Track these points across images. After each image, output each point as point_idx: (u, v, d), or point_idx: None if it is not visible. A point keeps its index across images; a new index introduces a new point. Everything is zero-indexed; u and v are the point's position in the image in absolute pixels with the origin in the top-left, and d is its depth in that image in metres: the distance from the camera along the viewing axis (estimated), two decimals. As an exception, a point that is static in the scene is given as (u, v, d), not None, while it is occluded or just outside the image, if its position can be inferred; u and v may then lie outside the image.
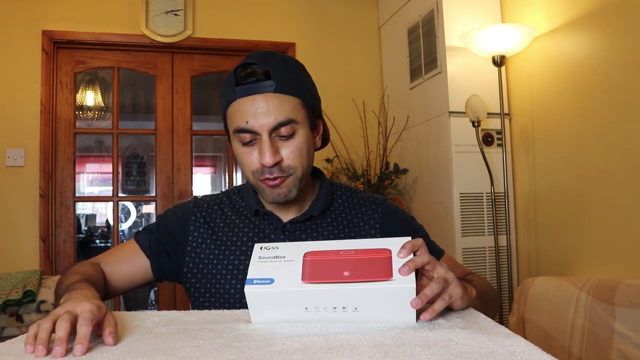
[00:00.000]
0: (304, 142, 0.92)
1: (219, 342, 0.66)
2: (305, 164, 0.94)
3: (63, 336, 0.60)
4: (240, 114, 0.90)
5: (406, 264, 0.69)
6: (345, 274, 0.69)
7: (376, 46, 3.22)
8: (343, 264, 0.71)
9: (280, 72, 0.90)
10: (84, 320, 0.63)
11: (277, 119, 0.88)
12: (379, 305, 0.70)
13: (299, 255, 0.73)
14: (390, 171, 2.79)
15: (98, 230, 4.30)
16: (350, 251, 0.72)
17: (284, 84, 0.90)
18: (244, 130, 0.90)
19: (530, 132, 2.32)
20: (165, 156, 2.94)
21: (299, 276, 0.70)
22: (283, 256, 0.74)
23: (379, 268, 0.70)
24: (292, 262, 0.72)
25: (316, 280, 0.69)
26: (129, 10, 2.86)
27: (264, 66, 0.89)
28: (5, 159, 2.65)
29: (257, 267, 0.73)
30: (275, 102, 0.89)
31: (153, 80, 2.97)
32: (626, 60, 1.78)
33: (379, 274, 0.69)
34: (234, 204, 1.04)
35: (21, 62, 2.71)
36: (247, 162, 0.93)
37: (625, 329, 1.44)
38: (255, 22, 3.04)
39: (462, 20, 2.42)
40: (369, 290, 0.68)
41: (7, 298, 2.10)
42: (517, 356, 0.58)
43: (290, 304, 0.71)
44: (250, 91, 0.89)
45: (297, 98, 0.91)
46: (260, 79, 0.89)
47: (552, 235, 2.18)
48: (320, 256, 0.72)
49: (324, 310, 0.70)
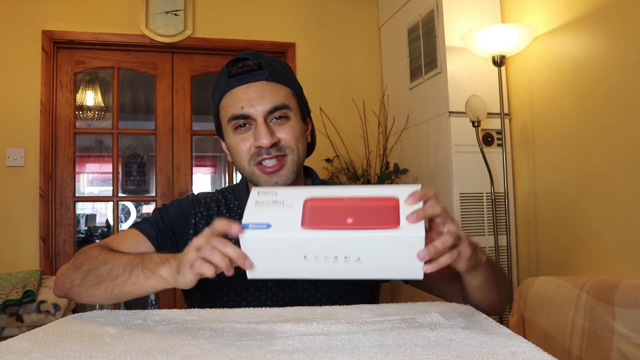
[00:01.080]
0: (297, 128, 0.95)
1: (219, 341, 0.66)
2: (301, 148, 0.95)
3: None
4: (235, 102, 0.92)
5: (415, 211, 0.64)
6: (348, 220, 0.65)
7: (376, 46, 3.22)
8: (346, 211, 0.66)
9: (272, 65, 0.94)
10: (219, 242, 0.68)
11: (272, 103, 0.91)
12: (384, 256, 0.65)
13: (300, 200, 0.68)
14: (390, 171, 2.79)
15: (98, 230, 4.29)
16: (354, 198, 0.67)
17: (276, 74, 0.94)
18: (239, 117, 0.91)
19: (530, 132, 2.32)
20: (165, 156, 2.94)
21: (299, 221, 0.66)
22: (282, 201, 0.68)
23: (385, 215, 0.65)
24: (291, 207, 0.67)
25: (317, 227, 0.65)
26: (129, 10, 2.86)
27: (255, 59, 0.93)
28: (5, 159, 2.64)
29: (253, 210, 0.68)
30: (269, 88, 0.92)
31: (153, 80, 2.97)
32: (626, 60, 1.78)
33: (385, 222, 0.64)
34: (228, 203, 1.05)
35: (21, 62, 2.71)
36: (241, 149, 0.93)
37: (625, 329, 1.44)
38: (255, 22, 3.04)
39: (462, 20, 2.42)
40: (373, 238, 0.64)
41: (7, 298, 2.10)
42: (518, 356, 0.58)
43: (288, 251, 0.66)
44: (244, 80, 0.92)
45: (288, 88, 0.95)
46: (253, 69, 0.92)
47: (552, 235, 2.18)
48: (322, 202, 0.68)
49: (324, 260, 0.66)
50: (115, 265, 0.78)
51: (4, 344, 0.64)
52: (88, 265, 0.83)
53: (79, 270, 0.84)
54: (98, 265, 0.81)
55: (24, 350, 0.61)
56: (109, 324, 0.75)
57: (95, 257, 0.83)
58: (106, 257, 0.81)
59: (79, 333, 0.71)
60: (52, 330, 0.73)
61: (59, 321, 0.78)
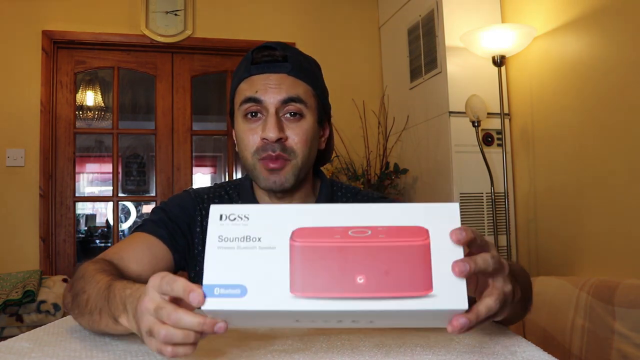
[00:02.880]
0: (310, 130, 0.89)
1: (220, 341, 0.66)
2: (307, 153, 0.89)
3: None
4: (251, 87, 0.88)
5: (465, 260, 0.46)
6: (358, 279, 0.45)
7: (376, 46, 3.21)
8: (355, 259, 0.46)
9: (298, 59, 0.89)
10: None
11: (288, 93, 0.86)
12: (405, 321, 0.51)
13: (284, 235, 0.47)
14: (390, 171, 2.79)
15: (98, 230, 4.29)
16: (364, 230, 0.47)
17: (300, 69, 0.88)
18: (251, 99, 0.87)
19: (530, 132, 2.31)
20: (165, 156, 2.94)
21: (287, 283, 0.46)
22: (258, 238, 0.47)
23: (410, 268, 0.46)
24: (272, 251, 0.47)
25: (314, 293, 0.45)
26: (129, 10, 2.86)
27: (282, 51, 0.89)
28: (5, 159, 2.64)
29: (217, 259, 0.47)
30: (288, 82, 0.87)
31: (153, 80, 2.97)
32: (626, 60, 1.78)
33: (410, 282, 0.45)
34: (231, 199, 1.00)
35: (21, 62, 2.71)
36: (248, 140, 0.88)
37: (625, 329, 1.44)
38: (255, 22, 3.04)
39: (462, 20, 2.42)
40: (395, 311, 0.46)
41: (7, 298, 2.10)
42: (518, 356, 0.58)
43: (274, 318, 0.50)
44: (266, 69, 0.87)
45: (309, 86, 0.90)
46: (277, 60, 0.88)
47: (552, 235, 2.18)
48: (317, 239, 0.47)
49: (324, 323, 0.51)
50: (91, 296, 0.67)
51: (4, 344, 0.64)
52: (75, 288, 0.73)
53: (71, 291, 0.75)
54: (80, 291, 0.71)
55: (24, 350, 0.61)
56: (109, 324, 0.75)
57: (82, 278, 0.73)
58: (86, 283, 0.70)
59: (79, 333, 0.71)
60: (52, 330, 0.73)
61: (59, 321, 0.78)
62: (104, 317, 0.62)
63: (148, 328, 0.50)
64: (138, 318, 0.52)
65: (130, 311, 0.56)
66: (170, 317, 0.49)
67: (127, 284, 0.61)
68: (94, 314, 0.65)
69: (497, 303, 0.51)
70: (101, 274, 0.70)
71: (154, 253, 0.87)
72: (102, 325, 0.64)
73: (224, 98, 3.10)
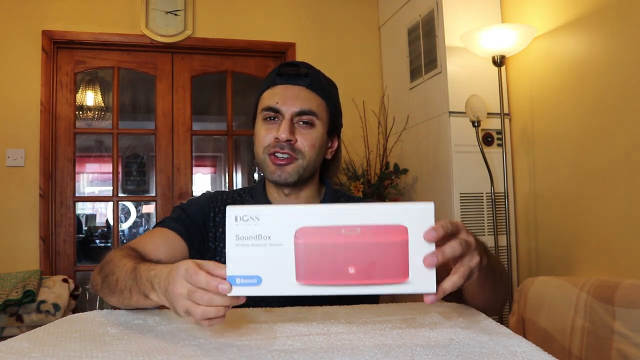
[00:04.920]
0: (318, 138, 1.01)
1: (220, 341, 0.66)
2: (313, 157, 1.00)
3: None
4: (273, 96, 1.01)
5: (435, 253, 0.58)
6: (350, 270, 0.57)
7: (376, 46, 3.21)
8: (347, 253, 0.58)
9: (318, 78, 1.04)
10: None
11: (302, 106, 0.99)
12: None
13: (289, 235, 0.58)
14: (390, 171, 2.78)
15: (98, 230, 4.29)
16: (354, 228, 0.58)
17: (318, 86, 1.02)
18: (271, 109, 1.00)
19: (530, 132, 2.31)
20: (165, 156, 2.94)
21: (293, 273, 0.58)
22: (268, 236, 0.59)
23: (391, 260, 0.57)
24: (280, 247, 0.58)
25: (315, 281, 0.58)
26: (129, 10, 2.86)
27: (306, 69, 1.03)
28: (5, 159, 2.64)
29: (237, 254, 0.59)
30: (305, 94, 1.00)
31: (153, 80, 2.97)
32: (626, 60, 1.78)
33: (391, 271, 0.57)
34: (243, 201, 1.10)
35: (21, 62, 2.71)
36: (262, 136, 1.00)
37: (625, 329, 1.44)
38: (255, 22, 3.04)
39: (462, 20, 2.42)
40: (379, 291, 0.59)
41: (7, 298, 2.10)
42: (518, 356, 0.58)
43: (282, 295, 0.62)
44: (288, 81, 1.01)
45: (324, 101, 1.03)
46: (299, 74, 1.02)
47: (552, 235, 2.18)
48: (317, 237, 0.58)
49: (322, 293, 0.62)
50: (120, 278, 0.79)
51: (4, 344, 0.64)
52: (104, 271, 0.85)
53: (100, 273, 0.87)
54: (109, 273, 0.83)
55: (24, 350, 0.61)
56: (109, 323, 0.75)
57: (110, 262, 0.85)
58: (115, 266, 0.82)
59: (79, 333, 0.71)
60: (52, 330, 0.73)
61: (59, 321, 0.78)
62: (134, 294, 0.75)
63: (185, 309, 0.63)
64: (173, 300, 0.65)
65: (158, 290, 0.69)
66: (204, 299, 0.61)
67: (151, 266, 0.74)
68: (124, 292, 0.77)
69: (462, 279, 0.62)
70: (127, 258, 0.82)
71: (171, 245, 0.98)
72: (132, 301, 0.76)
73: (224, 98, 3.10)
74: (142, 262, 0.78)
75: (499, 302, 0.90)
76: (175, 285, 0.64)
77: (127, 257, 0.82)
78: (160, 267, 0.71)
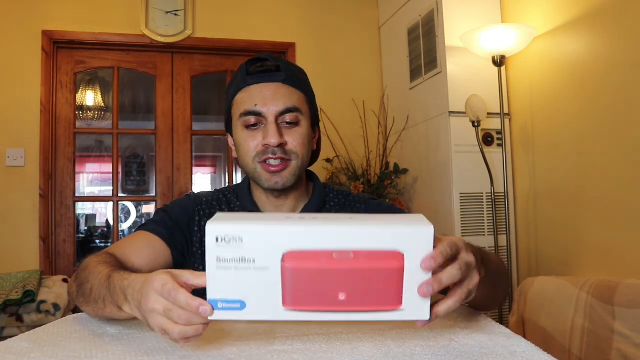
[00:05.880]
0: (306, 134, 0.96)
1: (219, 341, 0.66)
2: (306, 155, 0.96)
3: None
4: (250, 99, 0.93)
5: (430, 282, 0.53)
6: (340, 296, 0.53)
7: (376, 46, 3.21)
8: (337, 279, 0.53)
9: (289, 69, 0.96)
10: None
11: (285, 104, 0.92)
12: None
13: (276, 257, 0.52)
14: (390, 171, 2.78)
15: (98, 230, 4.29)
16: (346, 253, 0.52)
17: (293, 78, 0.95)
18: (252, 113, 0.93)
19: (530, 132, 2.31)
20: (165, 156, 2.94)
21: (279, 298, 0.53)
22: (252, 259, 0.52)
23: (385, 287, 0.53)
24: (266, 271, 0.53)
25: (303, 307, 0.53)
26: (129, 10, 2.86)
27: (274, 61, 0.95)
28: (5, 159, 2.64)
29: (218, 279, 0.53)
30: (284, 91, 0.93)
31: (153, 80, 2.97)
32: (626, 60, 1.78)
33: (384, 299, 0.53)
34: (229, 202, 1.04)
35: (21, 62, 2.71)
36: (248, 146, 0.94)
37: (625, 329, 1.44)
38: (255, 22, 3.04)
39: (462, 20, 2.42)
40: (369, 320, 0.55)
41: (7, 298, 2.10)
42: (518, 356, 0.58)
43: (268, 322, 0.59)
44: (261, 79, 0.93)
45: (302, 93, 0.97)
46: (271, 70, 0.94)
47: (552, 235, 2.18)
48: (306, 262, 0.52)
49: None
50: (94, 286, 0.73)
51: (4, 344, 0.64)
52: (79, 278, 0.80)
53: (76, 280, 0.82)
54: (84, 281, 0.77)
55: (24, 350, 0.61)
56: (109, 324, 0.75)
57: (86, 269, 0.80)
58: (90, 274, 0.77)
59: (79, 333, 0.71)
60: (52, 330, 0.73)
61: (59, 321, 0.78)
62: (108, 305, 0.69)
63: (160, 327, 0.58)
64: (146, 315, 0.59)
65: (132, 301, 0.63)
66: (182, 318, 0.56)
67: (124, 275, 0.68)
68: (98, 302, 0.72)
69: (458, 302, 0.58)
70: (102, 265, 0.76)
71: (153, 249, 0.92)
72: (106, 312, 0.71)
73: (224, 98, 3.10)
74: (117, 271, 0.72)
75: (499, 301, 0.90)
76: (148, 299, 0.58)
77: (103, 264, 0.77)
78: (134, 277, 0.65)
